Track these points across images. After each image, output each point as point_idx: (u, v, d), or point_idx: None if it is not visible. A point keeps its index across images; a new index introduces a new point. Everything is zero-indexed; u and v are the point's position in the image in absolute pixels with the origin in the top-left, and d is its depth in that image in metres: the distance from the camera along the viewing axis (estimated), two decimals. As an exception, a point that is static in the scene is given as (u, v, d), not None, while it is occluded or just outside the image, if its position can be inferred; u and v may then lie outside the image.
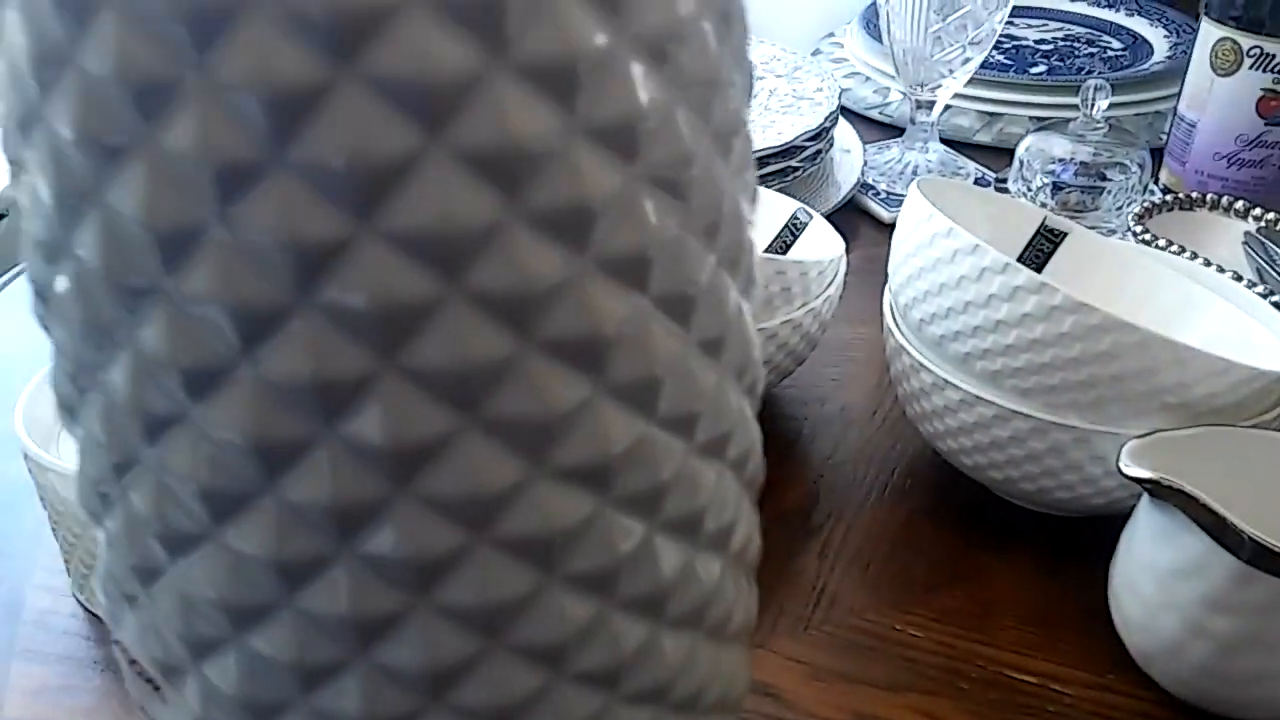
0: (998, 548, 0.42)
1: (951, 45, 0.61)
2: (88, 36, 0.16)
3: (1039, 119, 0.72)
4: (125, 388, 0.18)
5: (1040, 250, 0.47)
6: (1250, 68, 0.55)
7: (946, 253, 0.38)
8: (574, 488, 0.18)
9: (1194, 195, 0.56)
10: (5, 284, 0.57)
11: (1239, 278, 0.49)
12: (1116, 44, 0.82)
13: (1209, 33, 0.57)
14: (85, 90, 0.16)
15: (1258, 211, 0.55)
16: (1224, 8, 0.56)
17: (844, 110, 0.77)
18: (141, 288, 0.17)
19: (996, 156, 0.70)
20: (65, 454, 0.37)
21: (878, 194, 0.66)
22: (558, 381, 0.18)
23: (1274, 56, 0.54)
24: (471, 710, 0.19)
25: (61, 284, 0.18)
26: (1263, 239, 0.52)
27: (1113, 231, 0.58)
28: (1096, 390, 0.36)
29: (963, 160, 0.69)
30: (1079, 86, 0.70)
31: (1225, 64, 0.56)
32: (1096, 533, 0.40)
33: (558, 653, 0.19)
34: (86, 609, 0.39)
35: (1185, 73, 0.59)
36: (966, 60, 0.62)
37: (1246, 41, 0.55)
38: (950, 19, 0.60)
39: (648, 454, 0.19)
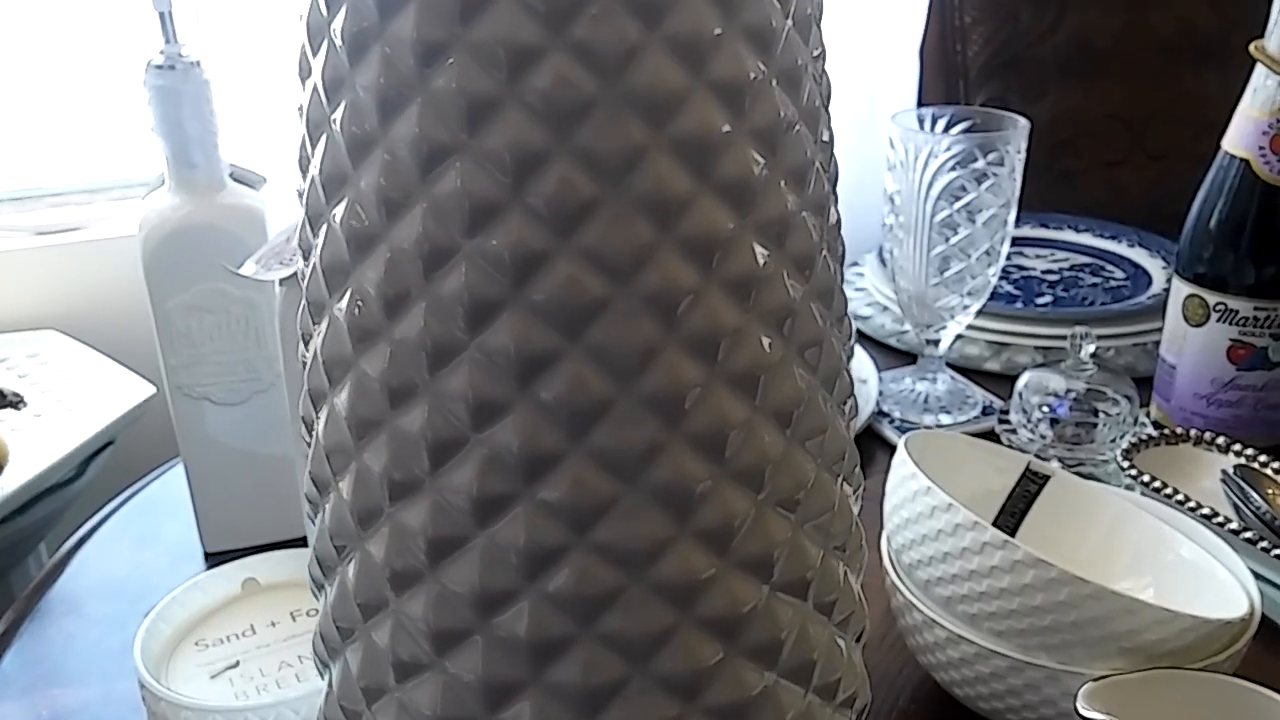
0: (991, 772, 0.46)
1: (951, 294, 0.68)
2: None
3: (1043, 348, 0.78)
4: (381, 554, 0.24)
5: (1026, 491, 0.53)
6: (1217, 320, 0.62)
7: (927, 508, 0.44)
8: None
9: (1179, 431, 0.62)
10: (115, 509, 0.65)
11: (1215, 514, 0.54)
12: (1119, 274, 0.89)
13: (1179, 289, 0.64)
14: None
15: (1238, 447, 0.60)
16: (1190, 266, 0.63)
17: (865, 338, 0.84)
18: (407, 480, 0.23)
19: (1004, 383, 0.76)
20: (173, 683, 0.44)
21: (892, 421, 0.72)
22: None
23: (1238, 311, 0.61)
24: None
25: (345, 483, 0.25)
26: (1238, 478, 0.57)
27: (1106, 462, 0.64)
28: (1060, 635, 0.41)
29: (971, 389, 0.75)
30: (1076, 321, 0.77)
31: (1195, 316, 0.63)
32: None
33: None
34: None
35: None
36: (966, 307, 0.69)
37: (1212, 298, 0.62)
38: (947, 273, 0.67)
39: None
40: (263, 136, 0.81)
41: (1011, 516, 0.53)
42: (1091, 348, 0.64)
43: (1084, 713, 0.38)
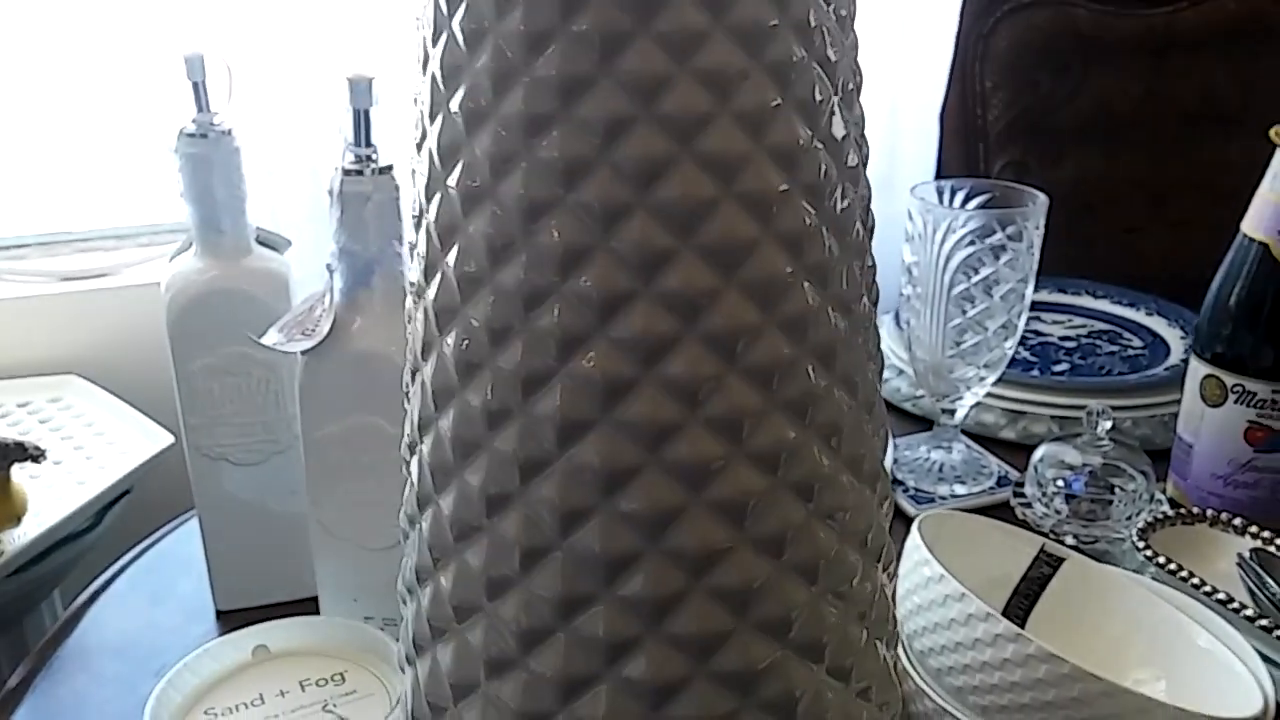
0: None
1: (968, 366, 0.68)
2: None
3: (1059, 418, 0.78)
4: (479, 562, 0.26)
5: (1041, 574, 0.53)
6: (1235, 402, 0.61)
7: (939, 596, 0.44)
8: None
9: (1195, 511, 0.62)
10: (129, 564, 0.65)
11: (1230, 599, 0.54)
12: (1137, 342, 0.89)
13: (1196, 369, 0.64)
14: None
15: (1255, 529, 0.60)
16: (1208, 345, 0.63)
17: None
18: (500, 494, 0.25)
19: (1020, 452, 0.76)
20: (183, 751, 0.44)
21: (907, 490, 0.72)
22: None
23: (1255, 394, 0.61)
24: None
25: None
26: (1254, 563, 0.57)
27: (1121, 539, 0.64)
28: (1072, 731, 0.41)
29: (987, 458, 0.75)
30: (1093, 391, 0.77)
31: (1213, 397, 0.62)
32: None
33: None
34: None
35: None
36: (983, 379, 0.69)
37: (1230, 379, 0.62)
38: (963, 345, 0.68)
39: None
40: (288, 199, 0.82)
41: (1025, 599, 0.53)
42: (1108, 424, 0.64)
43: (1095, 815, 0.37)
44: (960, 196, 0.69)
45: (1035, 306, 0.94)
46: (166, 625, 0.59)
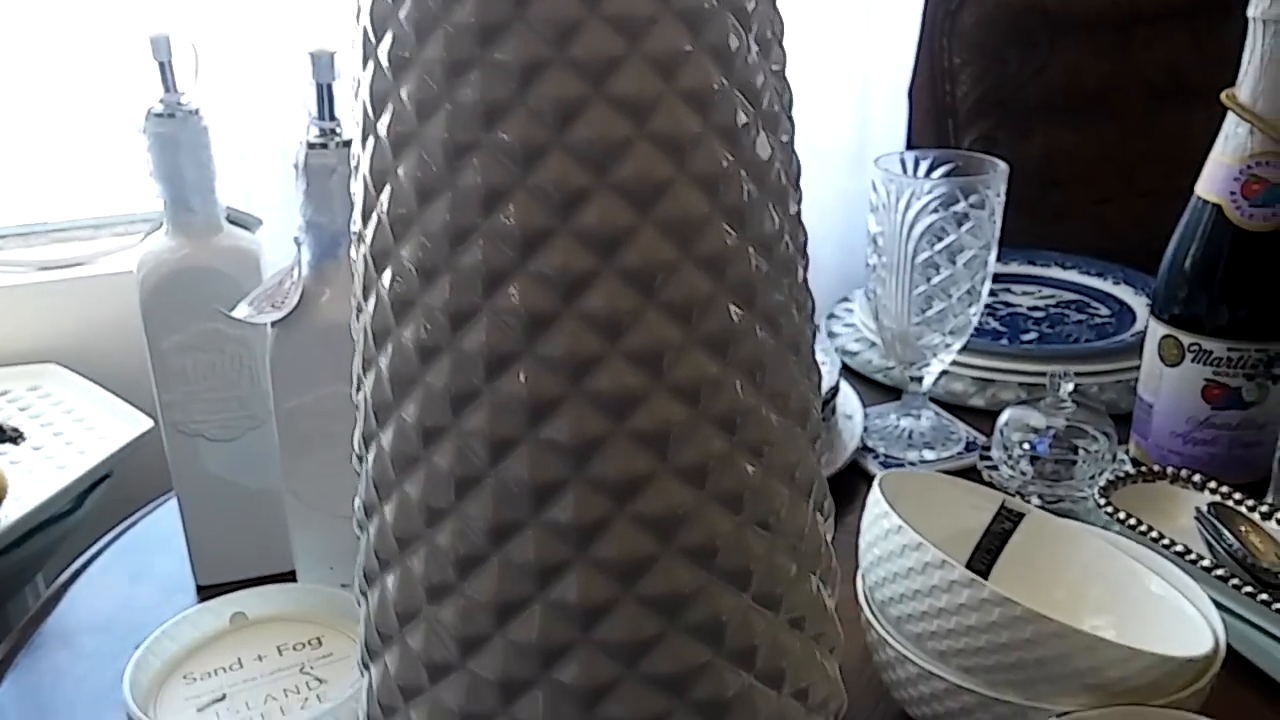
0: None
1: (933, 333, 0.70)
2: None
3: (1027, 385, 0.79)
4: (420, 569, 0.27)
5: (1001, 529, 0.54)
6: (1192, 361, 0.63)
7: (898, 546, 0.45)
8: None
9: (1155, 469, 0.63)
10: (109, 544, 0.66)
11: (1188, 551, 0.55)
12: (1105, 311, 0.91)
13: (1155, 330, 0.65)
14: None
15: (1213, 485, 0.61)
16: (1166, 307, 0.64)
17: (853, 373, 0.85)
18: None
19: (988, 419, 0.77)
20: (161, 716, 0.45)
21: (877, 456, 0.73)
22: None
23: (1212, 352, 0.62)
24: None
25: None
26: (1212, 516, 0.58)
27: (1084, 499, 0.65)
28: (1025, 671, 0.42)
29: (955, 425, 0.76)
30: (1060, 358, 0.78)
31: (1171, 357, 0.64)
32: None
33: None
34: None
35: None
36: (948, 345, 0.70)
37: (1187, 339, 0.63)
38: (929, 312, 0.69)
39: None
40: (260, 182, 0.82)
41: (986, 554, 0.54)
42: (1070, 386, 0.65)
43: (1046, 749, 0.38)
44: (924, 166, 0.71)
45: (1004, 278, 0.96)
46: (146, 602, 0.60)
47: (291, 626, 0.49)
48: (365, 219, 0.27)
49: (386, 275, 0.26)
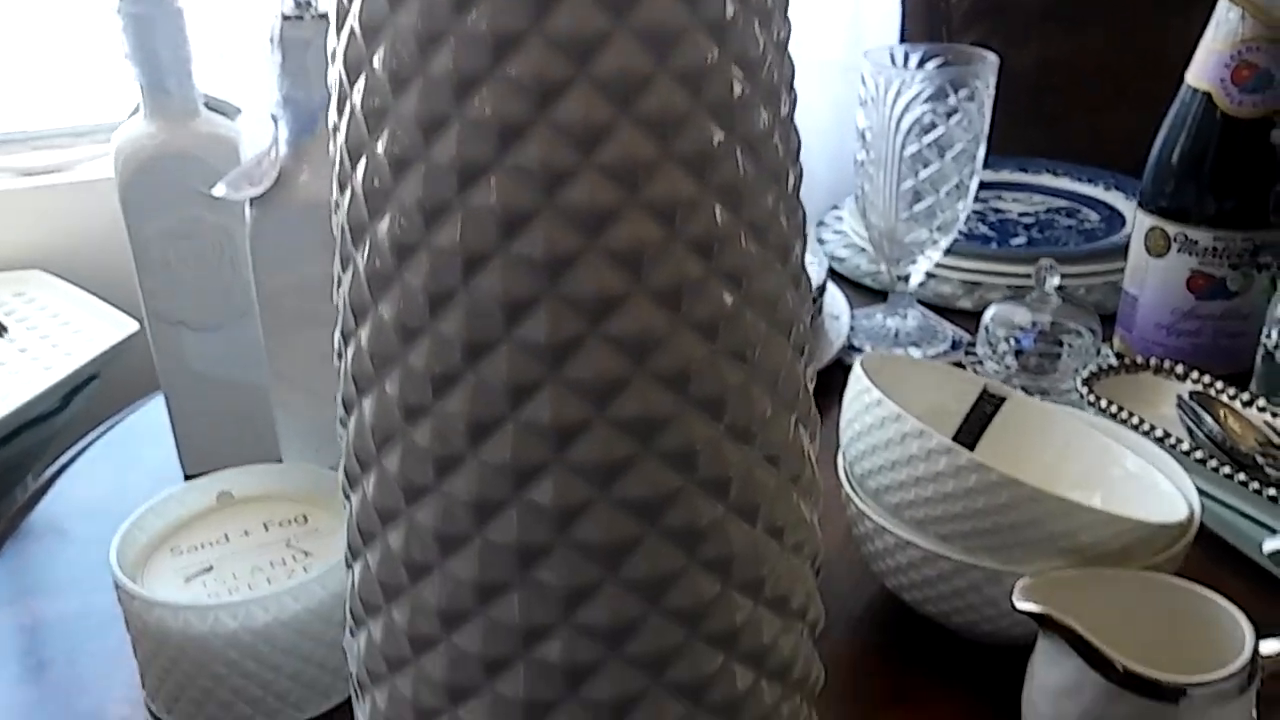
0: (940, 675, 0.47)
1: (921, 229, 0.69)
2: None
3: (1015, 286, 0.79)
4: (396, 468, 0.28)
5: (983, 412, 0.54)
6: (1178, 251, 0.63)
7: (878, 419, 0.45)
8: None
9: (1138, 360, 0.63)
10: (98, 437, 0.66)
11: (1168, 435, 0.56)
12: (1095, 216, 0.90)
13: (1142, 221, 0.65)
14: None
15: (1195, 374, 0.62)
16: (1153, 199, 0.64)
17: (841, 277, 0.85)
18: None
19: (976, 320, 0.77)
20: (149, 586, 0.45)
21: (862, 354, 0.73)
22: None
23: (1198, 242, 0.62)
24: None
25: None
26: (1193, 403, 0.59)
27: (1068, 391, 0.65)
28: (1000, 536, 0.42)
29: (941, 324, 0.76)
30: (1047, 257, 0.77)
31: (1157, 248, 0.64)
32: (1021, 662, 0.45)
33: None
34: (158, 718, 0.47)
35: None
36: (935, 242, 0.70)
37: (1173, 229, 0.63)
38: (917, 208, 0.68)
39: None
40: (237, 69, 0.81)
41: (969, 436, 0.54)
42: (1056, 280, 0.65)
43: (1019, 606, 0.39)
44: (914, 60, 0.70)
45: (995, 186, 0.95)
46: (136, 489, 0.60)
47: (278, 504, 0.50)
48: (340, 111, 0.27)
49: (361, 169, 0.26)
